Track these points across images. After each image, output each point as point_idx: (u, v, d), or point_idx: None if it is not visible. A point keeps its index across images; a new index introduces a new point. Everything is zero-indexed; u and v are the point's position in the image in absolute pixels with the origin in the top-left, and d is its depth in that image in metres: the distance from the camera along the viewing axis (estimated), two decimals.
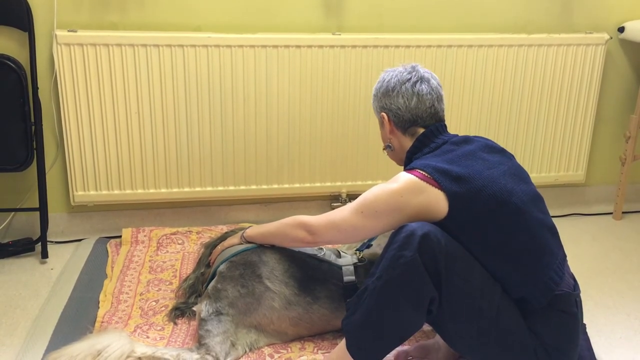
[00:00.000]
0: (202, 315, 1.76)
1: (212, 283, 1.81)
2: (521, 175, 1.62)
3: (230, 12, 2.42)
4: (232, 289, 1.77)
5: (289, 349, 1.82)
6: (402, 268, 1.45)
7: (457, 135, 1.70)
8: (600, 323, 2.05)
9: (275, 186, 2.58)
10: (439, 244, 1.46)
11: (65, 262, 2.32)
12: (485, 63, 2.59)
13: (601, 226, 2.81)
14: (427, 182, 1.54)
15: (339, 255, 1.91)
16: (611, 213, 2.91)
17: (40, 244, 2.35)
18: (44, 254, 2.34)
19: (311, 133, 2.54)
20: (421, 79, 1.71)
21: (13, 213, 2.44)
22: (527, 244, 1.54)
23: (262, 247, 1.86)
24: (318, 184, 2.62)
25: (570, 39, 2.64)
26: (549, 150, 2.78)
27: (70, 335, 1.79)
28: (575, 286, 1.62)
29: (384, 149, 1.80)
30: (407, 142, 1.72)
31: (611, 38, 2.71)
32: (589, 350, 1.74)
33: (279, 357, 1.78)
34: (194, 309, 1.87)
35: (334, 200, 2.68)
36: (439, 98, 1.72)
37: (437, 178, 1.53)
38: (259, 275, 1.79)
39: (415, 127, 1.71)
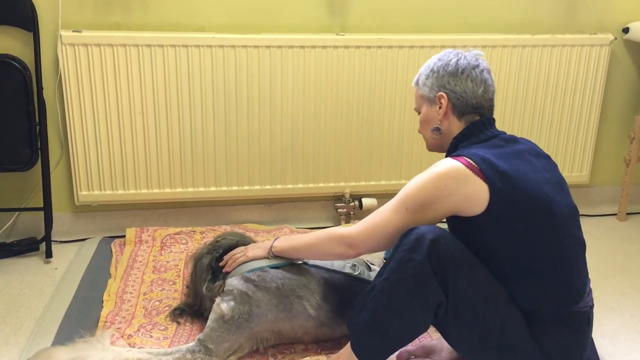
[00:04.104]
0: (225, 317, 1.69)
1: (239, 286, 1.71)
2: (562, 185, 1.56)
3: (233, 13, 2.42)
4: (267, 301, 1.71)
5: (292, 349, 1.82)
6: (410, 271, 1.43)
7: (505, 132, 1.63)
8: (603, 325, 2.05)
9: (279, 186, 2.58)
10: (447, 249, 1.43)
11: (69, 261, 2.32)
12: (489, 63, 2.56)
13: (605, 227, 2.80)
14: (473, 171, 1.46)
15: (369, 268, 1.85)
16: (615, 214, 2.90)
17: (44, 243, 2.36)
18: (48, 254, 2.35)
19: (315, 133, 2.54)
20: (486, 69, 1.65)
21: (17, 213, 2.45)
22: (556, 257, 1.48)
23: (299, 265, 1.77)
24: (322, 185, 2.62)
25: (575, 40, 2.64)
26: (553, 151, 2.77)
27: (74, 335, 1.79)
28: (590, 301, 1.58)
29: (432, 130, 1.65)
30: (457, 129, 1.62)
31: (615, 39, 2.70)
32: (594, 353, 1.73)
33: (282, 357, 1.78)
34: (215, 303, 1.75)
35: (338, 200, 2.68)
36: (495, 93, 1.67)
37: (484, 169, 1.46)
38: (300, 296, 1.73)
39: (474, 114, 1.62)
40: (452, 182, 1.47)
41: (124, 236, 2.45)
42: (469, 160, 1.48)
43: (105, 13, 2.33)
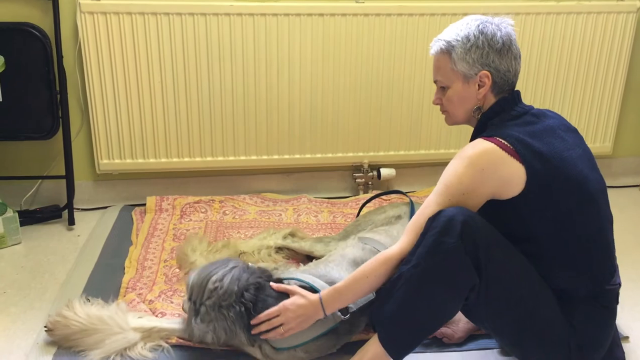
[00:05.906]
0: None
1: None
2: (591, 160, 1.53)
3: None
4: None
5: None
6: (443, 255, 1.38)
7: (533, 107, 1.56)
8: (623, 296, 2.02)
9: (297, 156, 2.58)
10: (479, 231, 1.39)
11: (91, 229, 2.36)
12: None
13: (628, 199, 2.76)
14: (509, 152, 1.42)
15: None
16: (638, 185, 2.86)
17: (67, 211, 2.40)
18: (71, 221, 2.39)
19: (333, 103, 2.52)
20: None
21: (40, 181, 2.49)
22: (592, 236, 1.47)
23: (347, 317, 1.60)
24: (340, 154, 2.61)
25: (600, 7, 2.57)
26: (576, 121, 2.72)
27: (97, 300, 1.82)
28: (619, 278, 1.56)
29: (473, 111, 1.54)
30: (489, 105, 1.54)
31: None
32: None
33: None
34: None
35: (356, 170, 2.67)
36: None
37: (520, 151, 1.42)
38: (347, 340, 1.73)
39: (510, 91, 1.54)
40: (489, 165, 1.42)
41: (144, 204, 2.48)
42: (502, 141, 1.43)
43: None
